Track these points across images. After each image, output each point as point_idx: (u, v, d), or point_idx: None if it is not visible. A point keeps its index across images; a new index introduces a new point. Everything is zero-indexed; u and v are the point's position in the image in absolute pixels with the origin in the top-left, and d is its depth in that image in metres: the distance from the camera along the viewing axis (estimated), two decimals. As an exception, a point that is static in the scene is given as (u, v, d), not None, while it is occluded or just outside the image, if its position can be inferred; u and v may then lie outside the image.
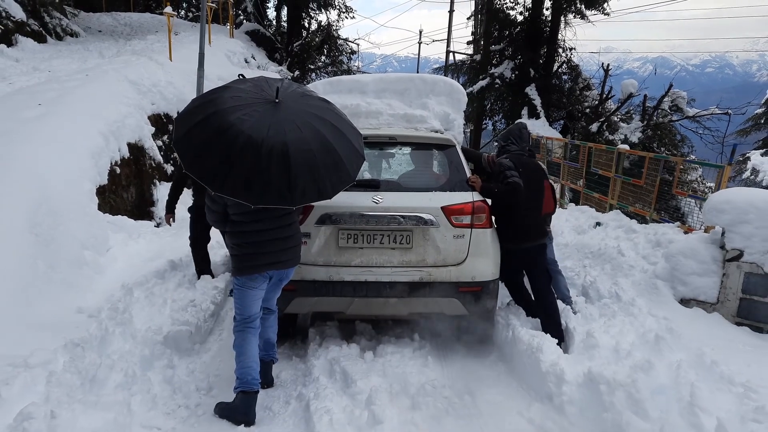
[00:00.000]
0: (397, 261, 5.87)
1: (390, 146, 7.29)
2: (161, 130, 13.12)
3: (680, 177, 9.17)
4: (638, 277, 7.39)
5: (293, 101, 4.73)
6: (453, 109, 7.75)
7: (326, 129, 4.69)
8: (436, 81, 7.87)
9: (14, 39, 16.75)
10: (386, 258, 5.87)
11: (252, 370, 4.79)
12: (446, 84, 7.89)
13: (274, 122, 4.42)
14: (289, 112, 4.58)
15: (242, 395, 4.73)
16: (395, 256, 5.87)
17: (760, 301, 6.44)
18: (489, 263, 6.02)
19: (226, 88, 4.75)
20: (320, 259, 5.84)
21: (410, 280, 5.84)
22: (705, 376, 4.77)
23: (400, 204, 5.88)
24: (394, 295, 5.86)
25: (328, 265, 5.84)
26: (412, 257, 5.88)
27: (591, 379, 4.79)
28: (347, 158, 4.75)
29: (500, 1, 23.03)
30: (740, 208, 6.48)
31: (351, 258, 5.86)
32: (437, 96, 7.69)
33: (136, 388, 4.72)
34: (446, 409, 4.90)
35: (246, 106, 4.48)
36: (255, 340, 4.92)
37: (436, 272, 5.88)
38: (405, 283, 5.83)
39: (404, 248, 5.87)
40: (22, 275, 6.07)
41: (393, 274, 5.83)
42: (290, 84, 5.08)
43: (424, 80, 7.80)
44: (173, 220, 7.75)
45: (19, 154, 7.76)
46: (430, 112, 7.48)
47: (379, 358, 5.68)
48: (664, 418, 4.15)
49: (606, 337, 5.59)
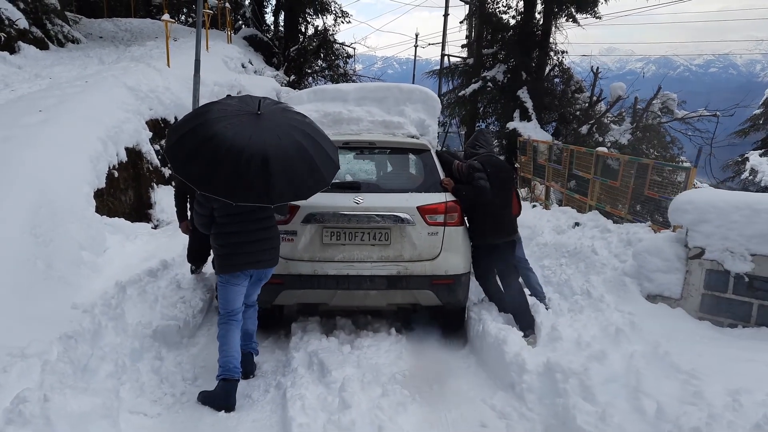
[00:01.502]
0: (377, 256, 6.37)
1: (370, 150, 7.76)
2: (159, 135, 13.41)
3: (652, 179, 9.49)
4: (609, 275, 7.72)
5: (274, 114, 5.26)
6: (428, 115, 8.49)
7: (303, 139, 5.16)
8: (412, 90, 8.59)
9: (17, 46, 17.10)
10: (366, 254, 6.37)
11: (234, 359, 5.21)
12: (422, 92, 8.59)
13: (256, 131, 4.90)
14: (270, 123, 5.09)
15: (223, 383, 5.13)
16: (375, 251, 6.37)
17: (720, 296, 6.76)
18: (460, 258, 6.57)
19: (215, 103, 5.34)
20: (306, 255, 6.33)
21: (388, 274, 6.34)
22: (656, 365, 5.12)
23: (379, 204, 6.41)
24: (374, 288, 6.37)
25: (313, 261, 6.34)
26: (390, 253, 6.38)
27: (549, 369, 5.15)
28: (322, 165, 5.20)
29: (493, 6, 23.34)
30: (701, 208, 6.81)
31: (334, 254, 6.35)
32: (413, 104, 8.39)
33: (125, 377, 5.09)
34: (413, 397, 5.25)
35: (231, 117, 4.99)
36: (237, 332, 5.35)
37: (412, 266, 6.40)
38: (384, 277, 6.34)
39: (383, 245, 6.39)
40: (22, 273, 6.43)
41: (373, 268, 6.34)
42: (272, 101, 5.65)
43: (401, 89, 8.48)
44: (190, 227, 7.15)
45: (20, 158, 8.09)
46: (407, 118, 8.17)
47: (356, 350, 6.04)
48: (610, 402, 4.51)
49: (570, 331, 5.95)
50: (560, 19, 21.96)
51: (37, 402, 3.98)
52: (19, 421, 3.84)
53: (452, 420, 4.96)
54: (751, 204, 6.56)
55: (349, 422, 4.51)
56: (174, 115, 13.99)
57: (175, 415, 4.96)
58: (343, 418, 4.56)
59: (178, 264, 8.05)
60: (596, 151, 11.99)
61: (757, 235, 6.47)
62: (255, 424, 4.78)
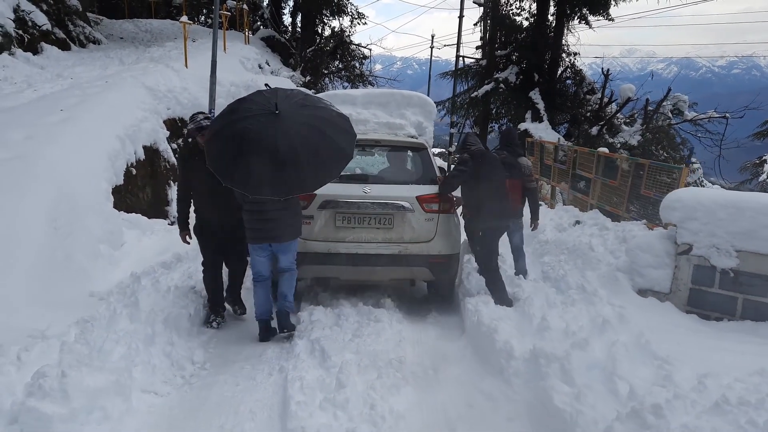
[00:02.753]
0: (381, 238, 7.50)
1: (376, 148, 8.82)
2: (176, 134, 13.84)
3: (660, 179, 9.76)
4: (603, 270, 8.02)
5: (291, 112, 5.90)
6: (425, 118, 9.84)
7: (315, 135, 5.90)
8: (411, 96, 9.98)
9: (40, 47, 17.58)
10: (373, 235, 7.49)
11: (259, 307, 6.66)
12: (420, 98, 9.96)
13: (271, 132, 5.69)
14: (286, 124, 5.78)
15: (258, 322, 6.67)
16: (380, 234, 7.50)
17: (707, 291, 7.06)
18: (452, 240, 7.68)
19: (244, 101, 6.23)
20: (321, 236, 7.45)
21: (391, 253, 7.46)
22: (635, 353, 5.41)
23: (384, 194, 7.51)
24: (379, 265, 7.47)
25: (327, 241, 7.46)
26: (393, 235, 7.51)
27: (534, 355, 5.46)
28: (332, 159, 6.00)
29: (506, 8, 23.62)
30: (689, 206, 7.11)
31: (345, 235, 7.47)
32: (413, 108, 9.77)
33: (138, 359, 5.43)
34: (407, 380, 5.58)
35: (252, 117, 5.79)
36: (261, 290, 6.65)
37: (411, 247, 7.51)
38: (387, 255, 7.45)
39: (387, 228, 7.50)
40: (42, 263, 6.84)
41: (378, 248, 7.46)
42: (293, 95, 6.30)
43: (402, 95, 9.95)
44: (190, 237, 7.23)
45: (42, 156, 8.50)
46: (407, 120, 9.53)
47: (357, 338, 6.36)
48: (587, 385, 4.81)
49: (559, 321, 6.25)
50: (572, 21, 22.16)
51: (56, 377, 4.35)
52: (39, 394, 4.21)
53: (441, 401, 5.28)
54: (736, 202, 6.85)
55: (344, 400, 4.85)
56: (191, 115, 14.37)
57: (183, 395, 5.31)
58: (338, 397, 4.90)
59: (191, 257, 8.40)
60: (597, 151, 12.29)
61: (742, 232, 6.77)
62: (258, 403, 5.11)
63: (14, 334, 5.13)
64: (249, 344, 6.54)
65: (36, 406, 4.15)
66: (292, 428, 4.47)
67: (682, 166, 9.36)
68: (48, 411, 4.14)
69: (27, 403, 4.17)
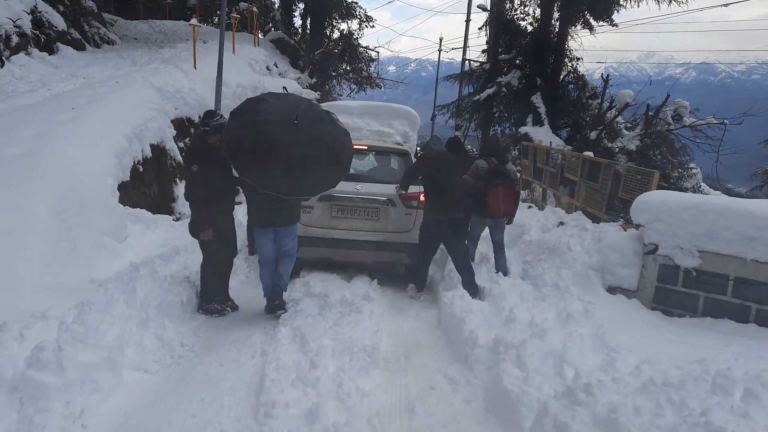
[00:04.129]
0: (368, 227, 9.01)
1: (367, 152, 10.27)
2: (183, 133, 14.31)
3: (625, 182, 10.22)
4: (578, 269, 8.41)
5: (308, 125, 6.64)
6: (410, 128, 11.50)
7: (324, 150, 6.64)
8: (400, 109, 11.66)
9: (56, 47, 18.12)
10: (361, 225, 9.01)
11: (267, 286, 7.54)
12: (407, 111, 11.66)
13: (287, 140, 6.39)
14: (301, 136, 6.50)
15: (266, 298, 7.56)
16: (367, 224, 9.02)
17: (672, 289, 7.47)
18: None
19: (263, 103, 6.82)
20: (318, 224, 8.94)
21: (376, 240, 8.99)
22: (589, 343, 5.85)
23: (372, 191, 9.00)
24: (365, 249, 8.98)
25: (324, 227, 8.96)
26: (378, 226, 9.03)
27: (496, 343, 5.90)
28: (334, 173, 6.84)
29: (511, 13, 24.00)
30: (655, 208, 7.52)
31: (338, 224, 8.99)
32: (400, 119, 11.44)
33: (131, 341, 5.90)
34: (377, 364, 6.06)
35: (273, 122, 6.50)
36: (267, 272, 7.51)
37: (392, 236, 9.04)
38: (372, 242, 8.97)
39: (373, 219, 9.03)
40: (47, 251, 7.34)
41: (365, 235, 8.97)
42: (312, 108, 7.16)
43: (392, 108, 11.58)
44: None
45: (52, 151, 8.99)
46: (395, 130, 11.22)
47: (336, 326, 6.83)
48: (537, 369, 5.25)
49: (526, 315, 6.66)
50: (576, 26, 22.50)
51: (53, 351, 4.83)
52: (37, 366, 4.69)
53: (405, 383, 5.72)
54: (699, 204, 7.26)
55: (314, 379, 5.30)
56: (198, 115, 14.85)
57: (171, 373, 5.78)
58: (310, 376, 5.36)
59: (189, 250, 8.86)
60: (583, 155, 12.70)
61: (704, 234, 7.17)
62: (238, 380, 5.57)
63: (18, 315, 5.59)
64: (237, 330, 7.00)
65: (34, 376, 4.63)
66: (264, 401, 4.93)
67: (653, 170, 9.76)
68: (45, 381, 4.62)
69: (26, 373, 4.64)
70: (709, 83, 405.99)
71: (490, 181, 8.67)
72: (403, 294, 8.88)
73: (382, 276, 9.42)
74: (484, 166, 8.75)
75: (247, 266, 9.46)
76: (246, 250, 10.00)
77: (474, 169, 8.75)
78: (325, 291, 8.05)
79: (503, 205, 8.72)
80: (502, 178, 8.70)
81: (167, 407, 5.03)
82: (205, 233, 7.24)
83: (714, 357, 5.31)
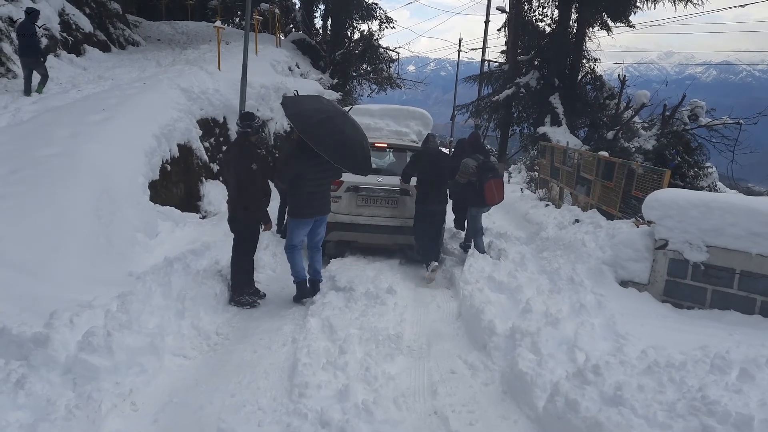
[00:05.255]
0: (388, 214, 10.30)
1: (387, 149, 11.56)
2: (208, 133, 14.72)
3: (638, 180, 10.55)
4: (592, 264, 8.77)
5: (352, 120, 8.22)
6: (424, 128, 12.49)
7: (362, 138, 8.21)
8: (415, 111, 12.75)
9: (83, 49, 18.63)
10: (382, 212, 10.29)
11: (300, 270, 8.15)
12: (421, 113, 12.75)
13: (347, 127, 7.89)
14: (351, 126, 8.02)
15: (297, 283, 8.15)
16: (387, 211, 10.31)
17: (681, 282, 7.80)
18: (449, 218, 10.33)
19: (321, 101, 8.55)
20: (346, 211, 10.16)
21: (394, 225, 10.27)
22: (601, 332, 6.24)
23: (391, 183, 10.29)
24: (386, 233, 10.29)
25: (350, 214, 10.19)
26: (397, 213, 10.31)
27: (513, 331, 6.28)
28: (365, 161, 8.16)
29: (529, 14, 24.30)
30: (666, 206, 7.85)
31: (363, 211, 10.24)
32: (415, 120, 12.51)
33: (170, 329, 6.32)
34: (401, 351, 6.44)
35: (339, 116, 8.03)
36: (299, 256, 8.15)
37: (408, 221, 10.20)
38: (392, 227, 10.26)
39: (392, 207, 10.34)
40: (88, 246, 7.79)
41: (385, 221, 10.26)
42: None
43: (408, 110, 12.68)
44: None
45: (86, 152, 9.44)
46: (410, 130, 12.30)
47: (362, 317, 7.20)
48: (551, 354, 5.63)
49: (542, 306, 7.03)
50: (594, 27, 22.74)
51: (102, 336, 5.26)
52: (89, 349, 5.11)
53: (428, 368, 6.10)
54: (707, 202, 7.59)
55: (343, 363, 5.71)
56: (223, 115, 15.29)
57: (208, 358, 6.19)
58: (339, 361, 5.77)
59: (218, 246, 9.26)
60: (598, 154, 13.03)
61: (712, 229, 7.50)
62: (271, 365, 5.95)
63: (66, 304, 6.02)
64: (267, 321, 7.38)
65: (86, 358, 5.05)
66: (298, 383, 5.32)
67: (665, 169, 10.09)
68: (96, 363, 5.05)
69: (79, 356, 5.06)
70: (729, 82, 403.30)
71: (484, 175, 9.99)
72: (426, 288, 9.23)
73: (405, 271, 9.90)
74: (473, 164, 9.88)
75: (275, 262, 9.83)
76: (271, 246, 10.36)
77: (464, 168, 10.01)
78: (350, 285, 8.34)
79: (497, 194, 10.10)
80: (492, 171, 10.10)
81: (207, 389, 5.44)
82: (267, 226, 8.12)
83: (717, 344, 5.62)
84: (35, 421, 4.21)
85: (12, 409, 4.32)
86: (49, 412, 4.34)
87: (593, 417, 4.27)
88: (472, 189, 10.12)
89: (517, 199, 18.05)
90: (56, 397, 4.56)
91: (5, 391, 4.46)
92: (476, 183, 10.03)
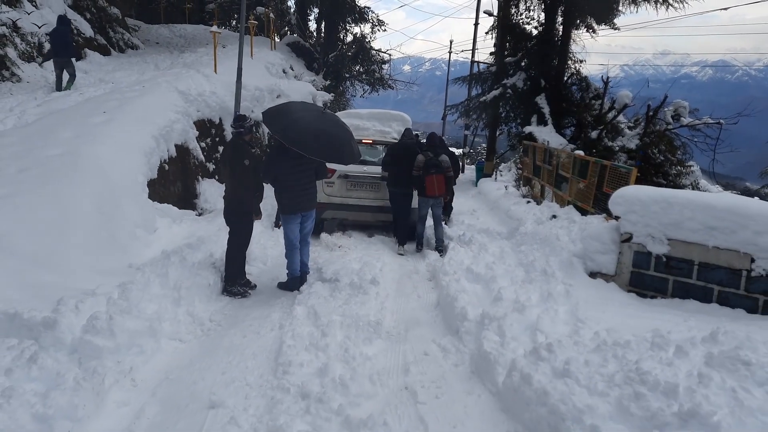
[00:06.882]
0: (372, 197, 12.43)
1: (372, 145, 13.60)
2: (204, 134, 15.25)
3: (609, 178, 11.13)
4: (564, 257, 9.29)
5: (330, 117, 9.03)
6: (403, 128, 13.79)
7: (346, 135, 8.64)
8: (395, 114, 15.15)
9: (84, 53, 19.16)
10: (367, 195, 12.44)
11: (294, 265, 8.83)
12: (400, 115, 15.06)
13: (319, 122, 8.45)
14: (329, 122, 8.69)
15: (291, 277, 8.84)
16: (371, 194, 12.44)
17: (645, 273, 8.32)
18: (415, 200, 11.87)
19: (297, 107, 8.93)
20: (338, 194, 12.31)
21: (377, 205, 12.37)
22: (563, 317, 6.78)
23: (375, 171, 12.29)
24: (370, 212, 12.45)
25: (341, 196, 12.33)
26: (379, 195, 12.38)
27: (483, 317, 6.83)
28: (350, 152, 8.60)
29: (516, 17, 24.83)
30: (629, 201, 8.39)
31: (351, 194, 12.39)
32: (396, 121, 14.78)
33: (166, 315, 6.86)
34: (380, 335, 6.97)
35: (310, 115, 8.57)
36: (296, 255, 8.84)
37: (387, 202, 12.09)
38: (375, 206, 12.38)
39: (375, 191, 12.43)
40: (92, 240, 8.33)
41: (370, 202, 12.40)
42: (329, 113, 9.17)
43: (391, 114, 15.11)
44: None
45: (89, 152, 9.95)
46: (392, 129, 14.50)
47: (345, 305, 7.75)
48: (514, 336, 6.19)
49: (512, 294, 7.57)
50: (580, 30, 23.28)
51: (105, 320, 5.82)
52: (93, 331, 5.67)
53: (403, 350, 6.65)
54: (667, 198, 8.12)
55: (324, 345, 6.27)
56: (218, 116, 15.83)
57: (202, 342, 6.75)
58: (320, 343, 6.33)
59: (212, 241, 9.80)
60: (574, 153, 13.62)
61: (671, 223, 8.02)
62: (260, 348, 6.51)
63: (71, 292, 6.56)
64: (257, 309, 7.92)
65: (90, 339, 5.61)
66: (282, 362, 5.88)
67: (632, 167, 10.64)
68: (99, 343, 5.61)
69: (84, 337, 5.62)
70: (725, 81, 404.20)
71: (427, 170, 11.28)
72: (408, 279, 9.78)
73: (390, 265, 10.39)
74: (422, 159, 11.18)
75: (266, 255, 10.37)
76: (263, 241, 10.94)
77: (416, 163, 11.36)
78: (335, 276, 8.88)
79: (437, 188, 11.33)
80: (435, 168, 11.28)
81: (200, 367, 5.99)
82: (257, 216, 8.86)
83: (671, 329, 6.15)
84: (47, 390, 4.75)
85: (27, 381, 4.86)
86: (59, 383, 4.88)
87: (542, 388, 4.81)
88: (420, 180, 11.40)
89: (500, 196, 18.64)
90: (65, 371, 5.09)
91: (21, 366, 5.00)
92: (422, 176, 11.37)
